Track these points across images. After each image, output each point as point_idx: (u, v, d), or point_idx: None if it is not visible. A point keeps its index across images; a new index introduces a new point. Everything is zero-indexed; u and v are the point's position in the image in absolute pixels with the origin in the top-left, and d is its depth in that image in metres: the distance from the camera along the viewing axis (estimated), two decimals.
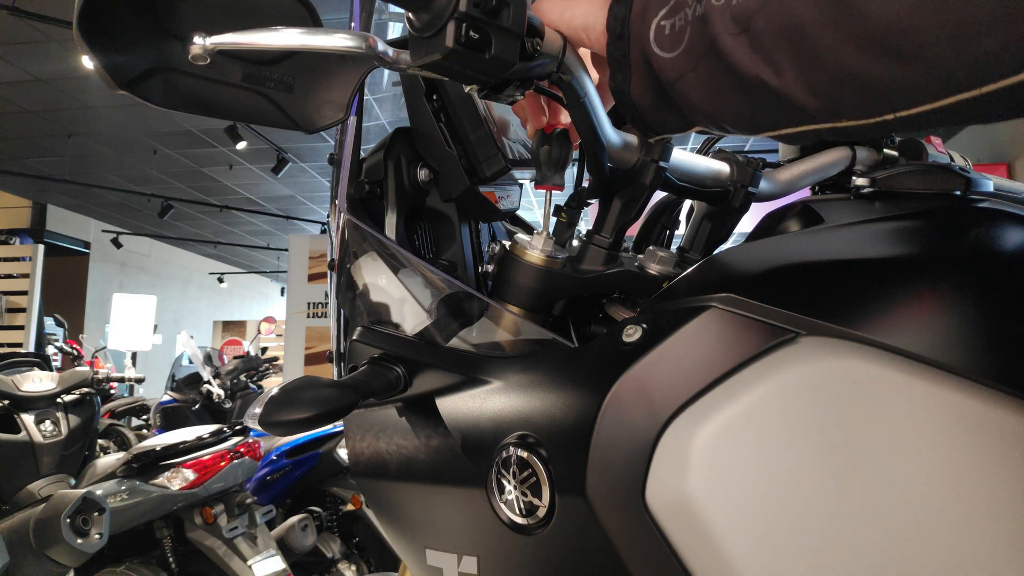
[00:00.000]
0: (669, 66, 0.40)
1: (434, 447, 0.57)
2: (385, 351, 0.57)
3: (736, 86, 0.37)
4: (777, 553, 0.38)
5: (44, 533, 1.97)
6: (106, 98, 5.95)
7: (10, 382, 2.88)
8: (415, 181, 0.68)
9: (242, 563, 2.35)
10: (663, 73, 0.41)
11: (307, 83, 0.52)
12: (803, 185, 0.66)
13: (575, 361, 0.50)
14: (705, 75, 0.38)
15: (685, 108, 0.42)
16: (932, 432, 0.36)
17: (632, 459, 0.43)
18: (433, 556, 0.57)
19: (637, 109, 0.45)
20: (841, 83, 0.32)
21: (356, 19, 0.65)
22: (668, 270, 0.54)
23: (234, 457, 2.50)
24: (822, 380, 0.39)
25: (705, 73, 0.38)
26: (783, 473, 0.39)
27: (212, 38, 0.40)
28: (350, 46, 0.41)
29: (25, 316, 7.30)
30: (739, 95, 0.37)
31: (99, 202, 9.34)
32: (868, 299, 0.41)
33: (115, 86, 0.44)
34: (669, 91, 0.41)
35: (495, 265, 0.58)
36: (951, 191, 0.56)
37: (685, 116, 0.43)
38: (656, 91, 0.42)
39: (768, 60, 0.34)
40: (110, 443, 5.00)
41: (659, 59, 0.41)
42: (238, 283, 15.26)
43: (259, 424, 0.46)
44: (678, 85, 0.40)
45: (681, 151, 0.55)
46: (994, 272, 0.43)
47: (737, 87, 0.37)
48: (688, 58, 0.39)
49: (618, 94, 0.45)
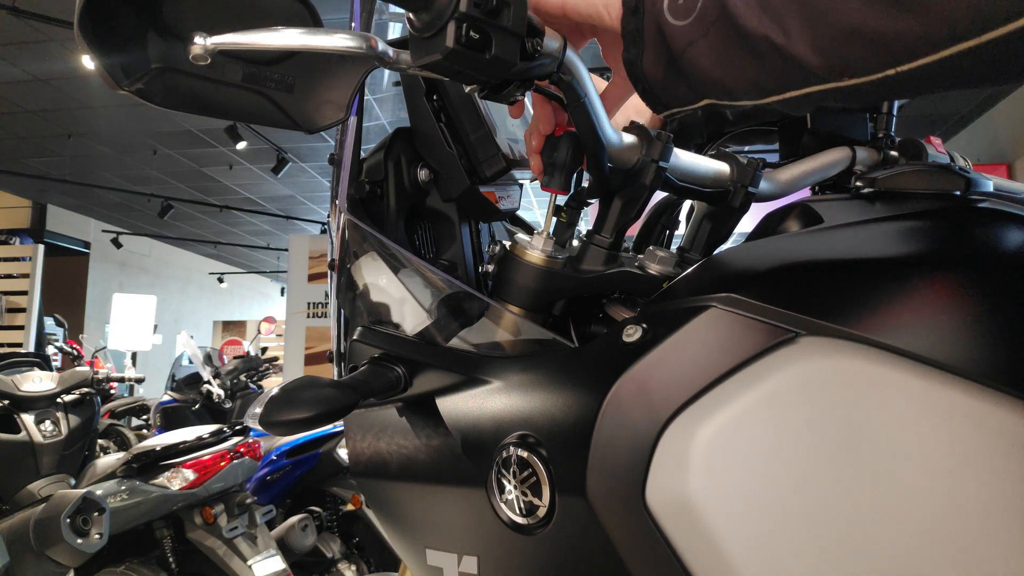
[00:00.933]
0: (681, 33, 0.41)
1: (434, 447, 0.57)
2: (385, 351, 0.57)
3: (745, 49, 0.38)
4: (777, 553, 0.38)
5: (44, 533, 1.97)
6: (106, 98, 5.94)
7: (10, 382, 2.88)
8: (415, 181, 0.68)
9: (242, 563, 2.35)
10: (675, 41, 0.41)
11: (307, 83, 0.52)
12: (803, 185, 0.66)
13: (575, 361, 0.50)
14: (715, 40, 0.39)
15: (694, 78, 0.42)
16: (932, 432, 0.36)
17: (632, 459, 0.43)
18: (433, 556, 0.57)
19: (649, 82, 0.45)
20: (844, 38, 0.33)
21: (356, 19, 0.65)
22: (668, 270, 0.54)
23: (234, 457, 2.50)
24: (822, 380, 0.39)
25: (715, 38, 0.39)
26: (783, 473, 0.39)
27: (213, 38, 0.40)
28: (350, 46, 0.41)
29: (25, 316, 7.30)
30: (747, 58, 0.38)
31: (99, 202, 9.34)
32: (868, 299, 0.41)
33: (116, 86, 0.44)
34: (680, 60, 0.42)
35: (495, 265, 0.58)
36: (951, 191, 0.56)
37: (694, 87, 0.43)
38: (668, 62, 0.43)
39: (776, 19, 0.35)
40: (110, 443, 5.00)
41: (672, 27, 0.41)
42: (238, 283, 15.26)
43: (259, 424, 0.46)
44: (689, 52, 0.41)
45: (681, 151, 0.55)
46: (994, 272, 0.43)
47: (746, 50, 0.38)
48: (700, 24, 0.40)
49: (631, 67, 0.46)
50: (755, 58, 0.37)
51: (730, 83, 0.40)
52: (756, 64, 0.38)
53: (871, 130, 0.76)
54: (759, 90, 0.39)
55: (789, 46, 0.35)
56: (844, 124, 0.75)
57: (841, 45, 0.33)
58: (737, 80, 0.40)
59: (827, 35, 0.33)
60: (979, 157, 5.54)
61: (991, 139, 5.74)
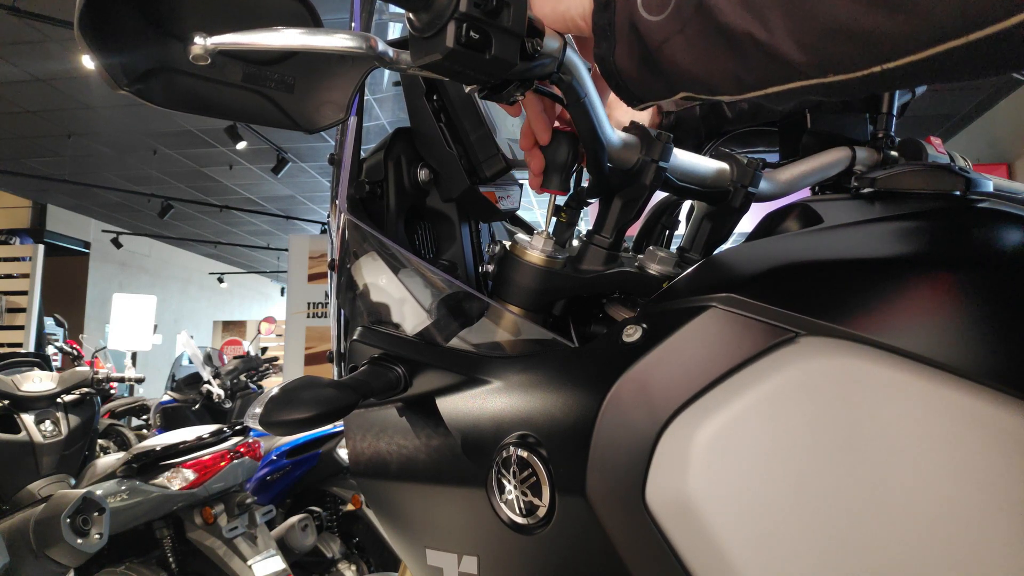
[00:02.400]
0: (656, 29, 0.40)
1: (434, 447, 0.57)
2: (385, 351, 0.57)
3: (725, 44, 0.37)
4: (777, 552, 0.38)
5: (44, 533, 1.97)
6: (106, 98, 5.94)
7: (10, 382, 2.88)
8: (415, 181, 0.68)
9: (242, 563, 2.35)
10: (650, 37, 0.41)
11: (307, 83, 0.52)
12: (803, 185, 0.66)
13: (575, 361, 0.50)
14: (693, 36, 0.39)
15: (671, 73, 0.42)
16: (931, 432, 0.36)
17: (632, 459, 0.43)
18: (433, 556, 0.57)
19: (621, 77, 0.45)
20: (830, 35, 0.32)
21: (356, 19, 0.65)
22: (668, 270, 0.54)
23: (234, 457, 2.50)
24: (822, 380, 0.39)
25: (693, 34, 0.39)
26: (783, 473, 0.39)
27: (213, 38, 0.40)
28: (351, 46, 0.41)
29: (25, 316, 7.31)
30: (727, 54, 0.38)
31: (99, 202, 9.34)
32: (868, 299, 0.41)
33: (116, 86, 0.44)
34: (656, 56, 0.42)
35: (495, 265, 0.58)
36: (951, 191, 0.56)
37: (670, 82, 0.43)
38: (641, 57, 0.43)
39: (758, 15, 0.35)
40: (110, 443, 4.99)
41: (646, 23, 0.41)
42: (238, 283, 15.26)
43: (259, 424, 0.46)
44: (665, 48, 0.41)
45: (681, 151, 0.55)
46: (994, 272, 0.43)
47: (726, 45, 0.37)
48: (675, 20, 0.39)
49: (602, 62, 0.45)
50: (736, 53, 0.37)
51: (709, 78, 0.40)
52: (737, 59, 0.37)
53: (871, 130, 0.76)
54: (739, 85, 0.39)
55: (772, 42, 0.35)
56: (844, 124, 0.75)
57: (827, 42, 0.33)
58: (716, 75, 0.40)
59: (812, 32, 0.33)
60: (979, 157, 5.54)
61: (991, 139, 5.74)
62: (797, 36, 0.34)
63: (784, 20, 0.34)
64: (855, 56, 0.33)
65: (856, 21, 0.31)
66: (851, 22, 0.31)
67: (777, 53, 0.35)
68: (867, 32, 0.31)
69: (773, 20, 0.34)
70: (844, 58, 0.33)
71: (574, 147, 0.53)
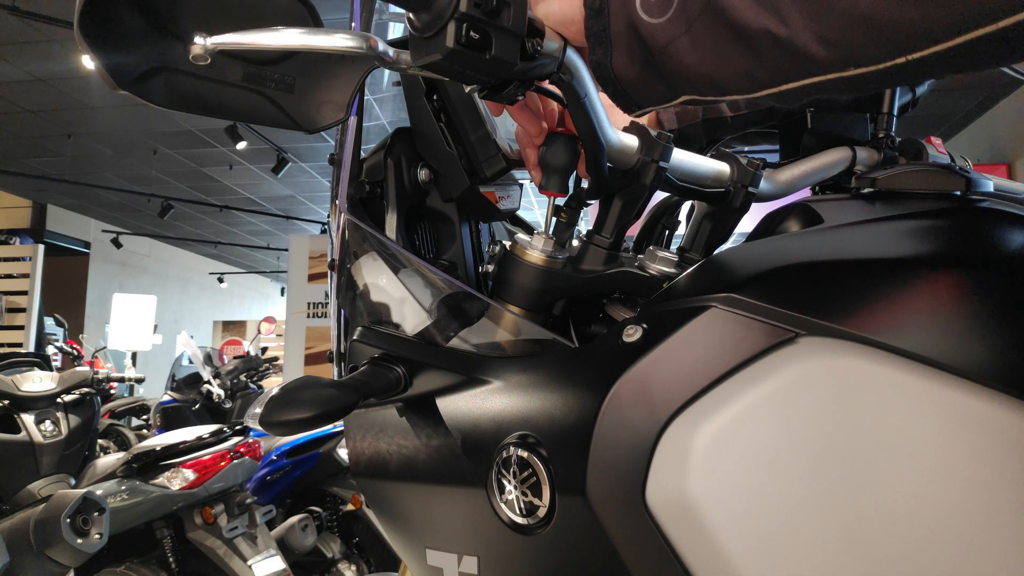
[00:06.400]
0: (659, 30, 0.39)
1: (434, 447, 0.57)
2: (385, 351, 0.57)
3: (736, 42, 0.36)
4: (777, 553, 0.38)
5: (44, 533, 1.97)
6: (106, 98, 5.94)
7: (10, 382, 2.88)
8: (415, 181, 0.68)
9: (242, 563, 2.35)
10: (653, 39, 0.40)
11: (307, 83, 0.52)
12: (803, 185, 0.66)
13: (575, 361, 0.50)
14: (701, 35, 0.38)
15: (675, 75, 0.41)
16: (932, 432, 0.36)
17: (632, 459, 0.43)
18: (433, 556, 0.57)
19: (620, 83, 0.44)
20: (853, 27, 0.31)
21: (356, 19, 0.65)
22: (668, 270, 0.54)
23: (234, 457, 2.50)
24: (822, 380, 0.39)
25: (701, 33, 0.38)
26: (783, 473, 0.39)
27: (213, 38, 0.40)
28: (351, 46, 0.41)
29: (25, 316, 7.31)
30: (740, 51, 0.37)
31: (99, 202, 9.34)
32: (868, 299, 0.41)
33: (116, 86, 0.44)
34: (658, 58, 0.41)
35: (495, 265, 0.58)
36: (951, 191, 0.56)
37: (673, 85, 0.42)
38: (643, 61, 0.42)
39: (774, 10, 0.34)
40: (110, 443, 5.00)
41: (648, 26, 0.40)
42: (238, 283, 15.26)
43: (259, 424, 0.46)
44: (669, 50, 0.40)
45: (681, 151, 0.55)
46: (994, 272, 0.43)
47: (738, 43, 0.36)
48: (680, 20, 0.38)
49: (598, 69, 0.44)
50: (749, 50, 0.36)
51: (719, 77, 0.39)
52: (750, 56, 0.36)
53: (871, 130, 0.76)
54: (752, 82, 0.38)
55: (791, 36, 0.34)
56: (844, 124, 0.75)
57: (849, 34, 0.32)
58: (726, 74, 0.39)
59: (834, 24, 0.32)
60: (979, 157, 5.54)
61: (991, 139, 5.74)
62: (817, 29, 0.33)
63: (802, 14, 0.33)
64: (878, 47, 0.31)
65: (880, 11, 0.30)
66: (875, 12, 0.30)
67: (795, 48, 0.34)
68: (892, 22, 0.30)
69: (790, 14, 0.33)
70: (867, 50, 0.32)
71: (573, 148, 0.53)
